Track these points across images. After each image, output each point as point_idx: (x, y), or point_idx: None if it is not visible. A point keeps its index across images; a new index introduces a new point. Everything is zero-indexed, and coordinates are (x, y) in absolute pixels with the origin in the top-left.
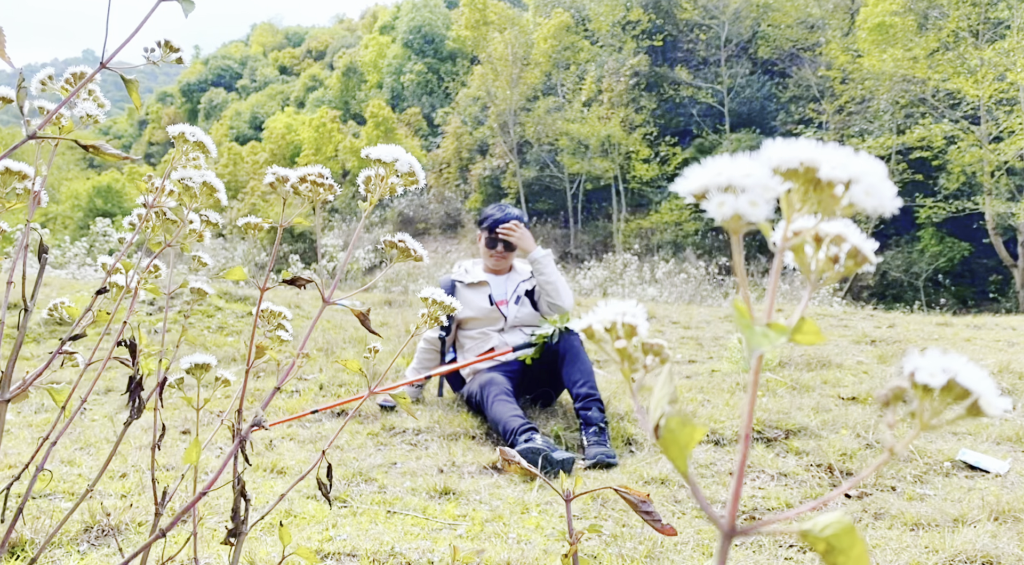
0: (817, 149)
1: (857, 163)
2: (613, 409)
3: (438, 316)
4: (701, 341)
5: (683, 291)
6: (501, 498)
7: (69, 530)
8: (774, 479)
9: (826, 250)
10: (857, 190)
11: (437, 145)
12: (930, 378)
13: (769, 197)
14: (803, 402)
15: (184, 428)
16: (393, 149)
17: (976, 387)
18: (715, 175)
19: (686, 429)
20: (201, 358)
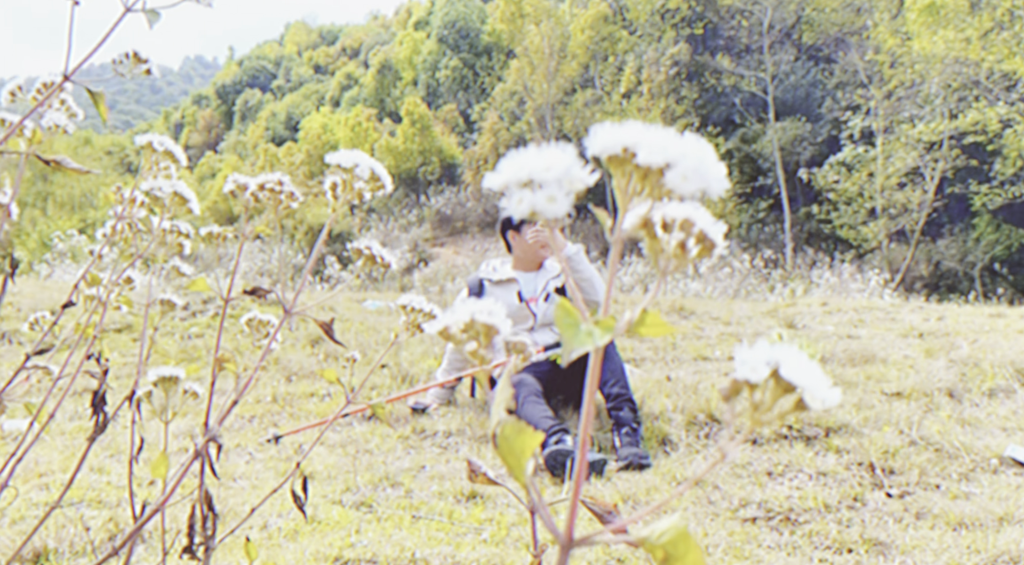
0: (641, 133)
1: (677, 146)
2: (648, 409)
3: (419, 324)
4: (741, 337)
5: (727, 285)
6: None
7: (94, 539)
8: (812, 479)
9: (674, 236)
10: (673, 175)
11: (474, 141)
12: (751, 372)
13: (571, 190)
14: (845, 399)
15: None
16: (353, 154)
17: (801, 380)
18: (516, 170)
19: (520, 437)
20: (169, 371)
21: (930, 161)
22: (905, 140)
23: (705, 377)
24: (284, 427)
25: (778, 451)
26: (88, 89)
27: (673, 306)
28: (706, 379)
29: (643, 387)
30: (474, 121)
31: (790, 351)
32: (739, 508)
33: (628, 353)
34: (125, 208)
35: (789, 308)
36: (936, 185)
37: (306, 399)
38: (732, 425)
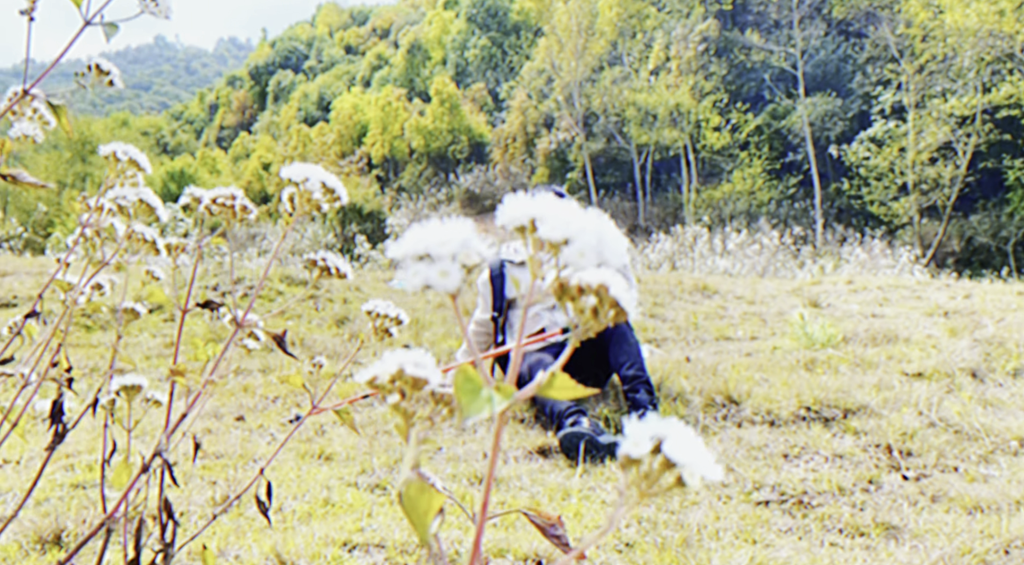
0: (547, 207)
1: (576, 223)
2: (666, 390)
3: (387, 329)
4: (764, 317)
5: (756, 262)
6: (543, 484)
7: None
8: (828, 461)
9: (588, 300)
10: (570, 251)
11: (502, 120)
12: (633, 448)
13: (468, 263)
14: (865, 379)
15: (238, 415)
16: (305, 169)
17: (681, 458)
18: (414, 243)
19: (424, 497)
20: (131, 380)
21: (962, 136)
22: (937, 114)
23: (726, 357)
24: (307, 408)
25: (795, 433)
26: (50, 102)
27: (696, 285)
28: (726, 360)
29: (662, 368)
30: (502, 99)
31: (675, 427)
32: (753, 491)
33: (649, 333)
34: (92, 216)
35: (814, 286)
36: (968, 160)
37: (329, 379)
38: (624, 495)
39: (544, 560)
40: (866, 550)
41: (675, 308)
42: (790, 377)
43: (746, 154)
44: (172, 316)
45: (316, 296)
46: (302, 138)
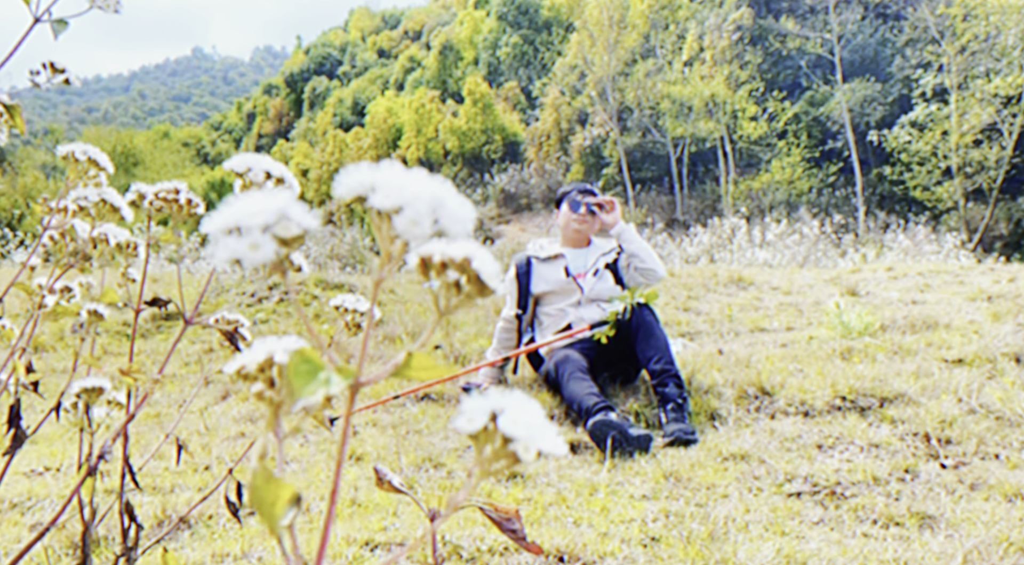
0: (383, 174)
1: (411, 189)
2: (697, 383)
3: (358, 323)
4: (801, 307)
5: (796, 253)
6: (570, 480)
7: (142, 525)
8: (863, 451)
9: (449, 275)
10: (401, 220)
11: (536, 118)
12: (467, 424)
13: (287, 235)
14: (903, 367)
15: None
16: (247, 158)
17: (516, 432)
18: (224, 217)
19: (271, 487)
20: (92, 382)
21: (1008, 116)
22: (980, 95)
23: (760, 349)
24: (339, 410)
25: (830, 423)
26: (5, 103)
27: (731, 277)
28: (760, 351)
29: (694, 361)
30: (535, 97)
31: (518, 400)
32: (784, 483)
33: (683, 327)
34: (54, 217)
35: (853, 274)
36: (1015, 141)
37: None
38: (471, 472)
39: (566, 556)
40: (900, 540)
41: (709, 301)
42: (825, 367)
43: (784, 143)
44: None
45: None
46: (338, 144)
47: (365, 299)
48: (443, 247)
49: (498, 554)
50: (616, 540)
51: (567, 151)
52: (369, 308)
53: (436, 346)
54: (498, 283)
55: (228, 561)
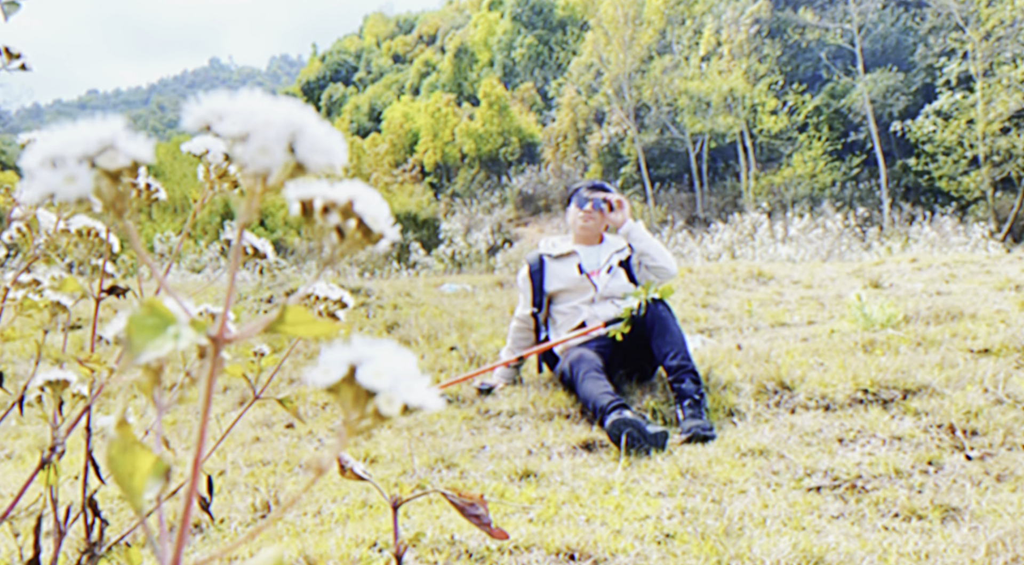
0: (236, 101)
1: (261, 114)
2: (715, 379)
3: (333, 311)
4: (822, 301)
5: (819, 247)
6: (584, 478)
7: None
8: (885, 444)
9: (333, 220)
10: (248, 148)
11: (552, 118)
12: (323, 376)
13: (112, 166)
14: (926, 358)
15: (288, 422)
16: (206, 141)
17: (379, 383)
18: (42, 147)
19: (127, 457)
20: (56, 375)
21: None
22: (1007, 82)
23: (780, 343)
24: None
25: (851, 416)
26: None
27: (751, 272)
28: (780, 345)
29: (712, 357)
30: (551, 97)
31: (383, 349)
32: (804, 477)
33: (702, 324)
34: (16, 209)
35: (876, 267)
36: None
37: None
38: (338, 431)
39: (577, 553)
40: (921, 533)
41: (728, 296)
42: (847, 360)
43: (805, 136)
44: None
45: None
46: (355, 150)
47: (343, 296)
48: (325, 188)
49: (507, 552)
50: (629, 537)
51: (584, 151)
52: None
53: (451, 347)
54: (386, 227)
55: (237, 564)
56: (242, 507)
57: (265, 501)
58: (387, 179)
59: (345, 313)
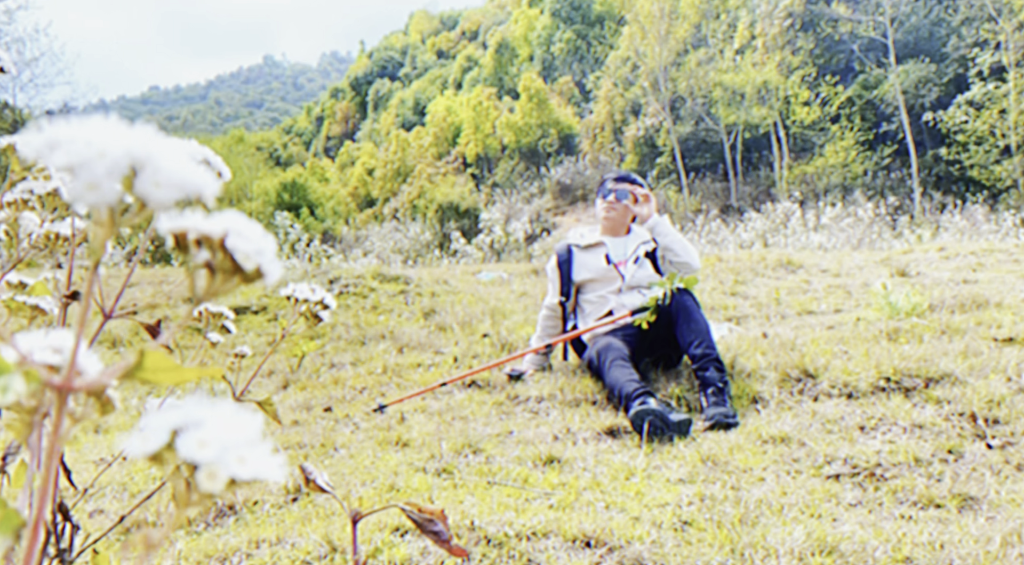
0: (72, 128)
1: (96, 146)
2: (739, 367)
3: (315, 313)
4: (849, 289)
5: (850, 235)
6: (607, 464)
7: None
8: (906, 432)
9: (201, 255)
10: (77, 183)
11: (590, 111)
12: (142, 444)
13: None
14: (950, 347)
15: (326, 405)
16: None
17: (204, 457)
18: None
19: None
20: None
21: None
22: None
23: (806, 332)
24: (391, 396)
25: (873, 404)
26: None
27: (780, 261)
28: (806, 334)
29: (737, 345)
30: (589, 90)
31: (218, 413)
32: (823, 465)
33: (730, 312)
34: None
35: (904, 255)
36: None
37: (413, 369)
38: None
39: (593, 540)
40: (938, 522)
41: (757, 285)
42: (871, 348)
43: (838, 127)
44: (275, 316)
45: (406, 291)
46: (401, 143)
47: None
48: (200, 221)
49: (525, 538)
50: (647, 524)
51: (621, 142)
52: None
53: (484, 334)
54: (265, 262)
55: (264, 547)
56: (276, 489)
57: (297, 484)
58: (431, 170)
59: (329, 313)
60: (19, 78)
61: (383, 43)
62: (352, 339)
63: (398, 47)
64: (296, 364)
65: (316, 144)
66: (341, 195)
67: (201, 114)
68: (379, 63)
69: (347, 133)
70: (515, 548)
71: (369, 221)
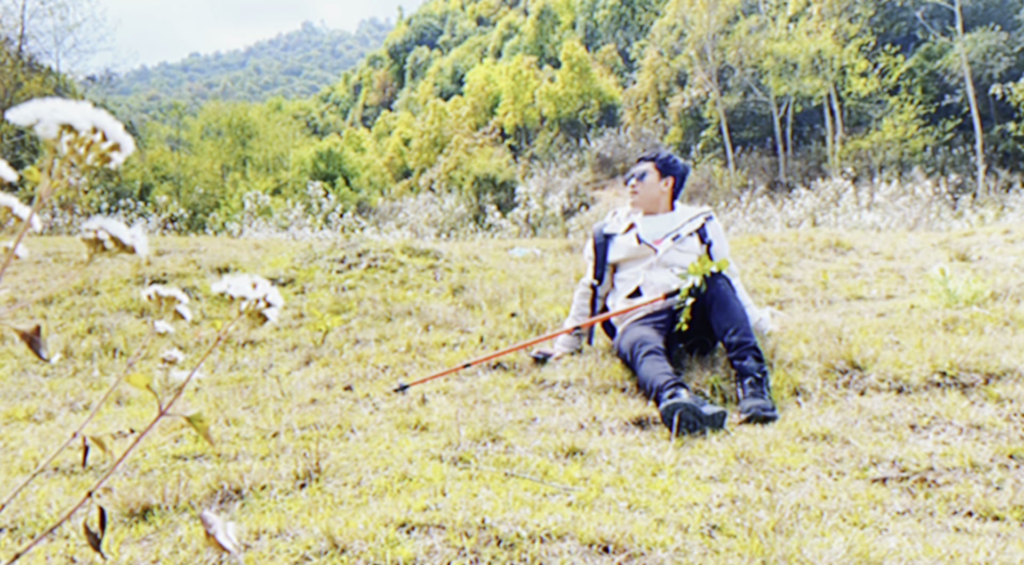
0: None
1: None
2: (780, 356)
3: (259, 311)
4: (903, 273)
5: (907, 215)
6: (633, 458)
7: (196, 495)
8: (962, 433)
9: None
10: None
11: (633, 81)
12: None
13: None
14: (1014, 340)
15: (347, 384)
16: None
17: None
18: None
19: None
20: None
21: None
22: None
23: (854, 318)
24: (413, 376)
25: (927, 400)
26: None
27: (828, 242)
28: (854, 321)
29: (779, 332)
30: (633, 59)
31: None
32: (869, 466)
33: (773, 295)
34: None
35: (965, 238)
36: None
37: (438, 348)
38: None
39: (612, 545)
40: (997, 537)
41: (803, 267)
42: (925, 339)
43: (896, 99)
44: (302, 289)
45: (435, 266)
46: (438, 112)
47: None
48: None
49: (538, 540)
50: (672, 528)
51: (665, 113)
52: None
53: (512, 314)
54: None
55: (264, 538)
56: (285, 473)
57: (307, 469)
58: (468, 141)
59: (275, 312)
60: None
61: (422, 9)
62: (378, 315)
63: (437, 14)
64: (320, 339)
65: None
66: (377, 165)
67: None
68: (418, 30)
69: (384, 102)
70: (527, 551)
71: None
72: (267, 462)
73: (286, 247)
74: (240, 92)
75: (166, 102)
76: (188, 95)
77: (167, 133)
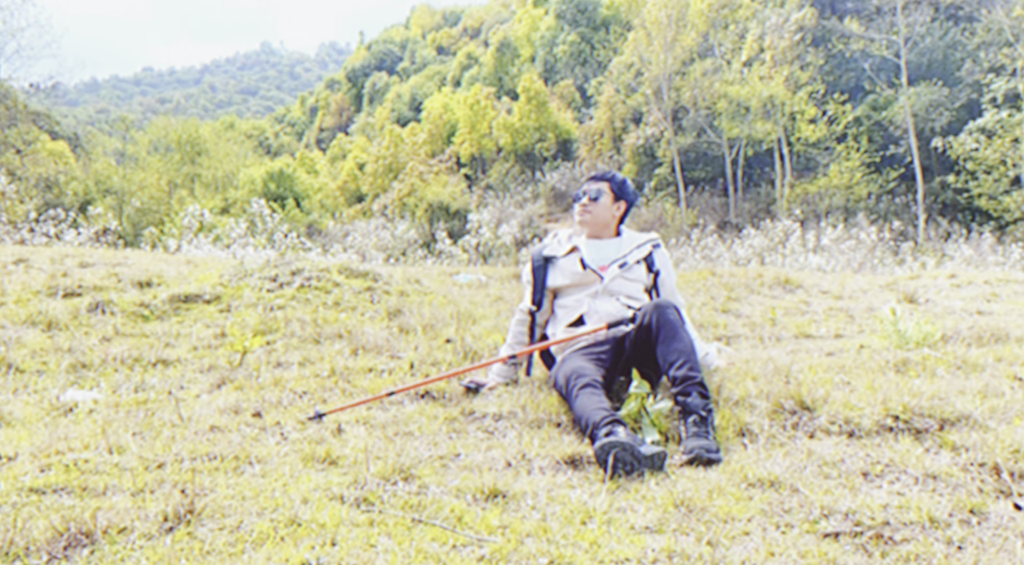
0: None
1: None
2: (727, 393)
3: None
4: (852, 313)
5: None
6: (562, 502)
7: (37, 539)
8: (918, 483)
9: None
10: None
11: (590, 116)
12: None
13: None
14: (967, 384)
15: (257, 410)
16: None
17: None
18: None
19: None
20: None
21: None
22: None
23: (803, 357)
24: (333, 404)
25: (879, 446)
26: None
27: (777, 279)
28: (803, 360)
29: (725, 369)
30: (590, 95)
31: None
32: (820, 519)
33: (720, 330)
34: None
35: (911, 281)
36: None
37: (365, 374)
38: None
39: None
40: None
41: (752, 303)
42: (876, 380)
43: (843, 147)
44: (228, 307)
45: (373, 289)
46: (394, 138)
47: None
48: None
49: None
50: None
51: (620, 150)
52: None
53: (447, 340)
54: None
55: None
56: (153, 514)
57: (179, 509)
58: (423, 168)
59: None
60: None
61: (383, 36)
62: (306, 337)
63: (398, 41)
64: (237, 361)
65: (308, 135)
66: (330, 188)
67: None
68: (377, 56)
69: (341, 126)
70: None
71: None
72: (137, 499)
73: (219, 264)
74: (194, 109)
75: (115, 115)
76: (139, 110)
77: (113, 146)
